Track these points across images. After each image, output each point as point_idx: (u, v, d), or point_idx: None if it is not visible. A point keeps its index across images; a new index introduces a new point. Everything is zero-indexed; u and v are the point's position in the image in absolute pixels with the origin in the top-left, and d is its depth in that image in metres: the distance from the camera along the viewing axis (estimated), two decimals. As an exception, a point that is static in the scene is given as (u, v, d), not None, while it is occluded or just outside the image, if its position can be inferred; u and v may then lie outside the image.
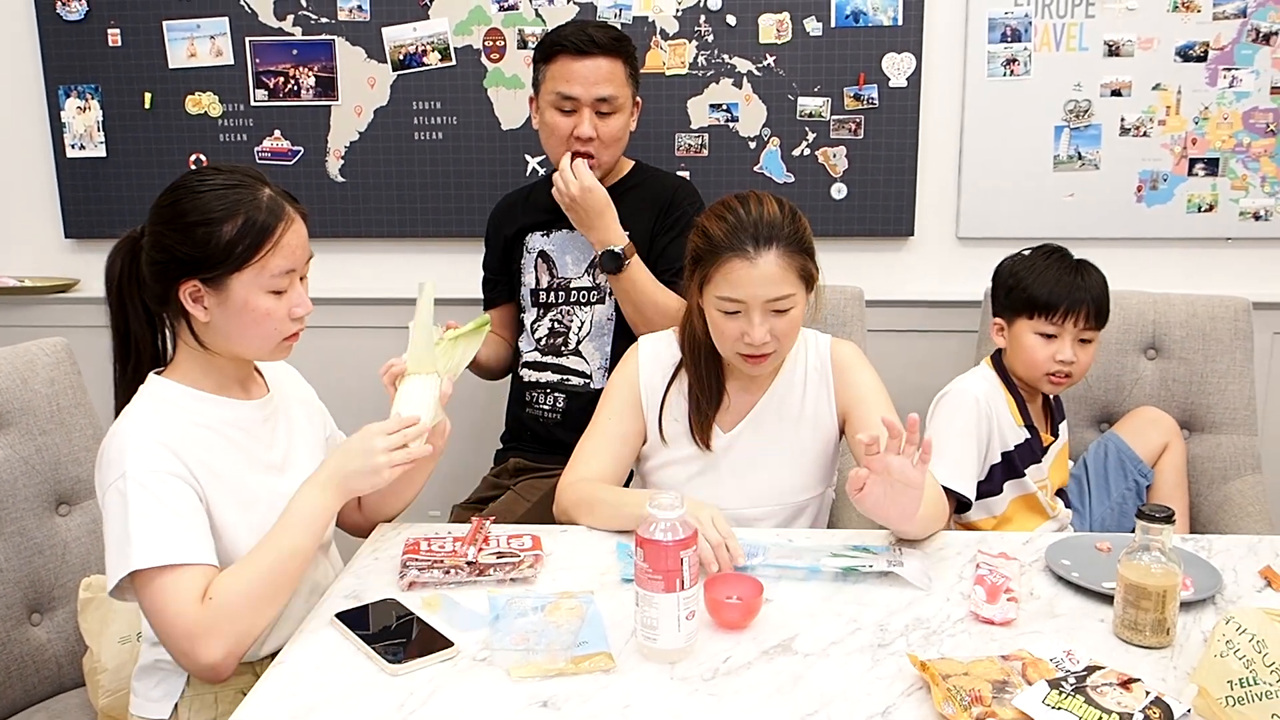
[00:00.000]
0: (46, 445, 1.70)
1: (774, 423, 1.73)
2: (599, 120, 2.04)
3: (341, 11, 2.48)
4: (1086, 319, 1.91)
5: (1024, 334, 1.95)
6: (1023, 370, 1.97)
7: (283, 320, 1.39)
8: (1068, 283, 1.92)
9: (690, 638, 1.25)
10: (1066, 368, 1.92)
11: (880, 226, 2.51)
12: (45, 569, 1.68)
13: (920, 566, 1.46)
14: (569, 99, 2.02)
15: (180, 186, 1.38)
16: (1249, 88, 2.40)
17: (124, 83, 2.54)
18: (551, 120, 2.06)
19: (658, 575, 1.21)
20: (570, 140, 2.04)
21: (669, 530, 1.22)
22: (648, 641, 1.24)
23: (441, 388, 1.50)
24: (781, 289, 1.58)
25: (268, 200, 1.37)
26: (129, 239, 1.42)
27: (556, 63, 2.04)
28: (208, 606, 1.26)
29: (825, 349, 1.75)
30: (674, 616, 1.22)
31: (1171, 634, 1.27)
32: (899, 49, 2.41)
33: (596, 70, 2.01)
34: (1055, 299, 1.91)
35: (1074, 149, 2.45)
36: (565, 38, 2.04)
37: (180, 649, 1.28)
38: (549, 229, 2.18)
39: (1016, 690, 1.12)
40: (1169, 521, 1.26)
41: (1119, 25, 2.38)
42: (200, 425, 1.39)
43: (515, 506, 2.04)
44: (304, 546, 1.35)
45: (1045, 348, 1.93)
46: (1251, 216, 2.46)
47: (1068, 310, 1.91)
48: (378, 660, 1.23)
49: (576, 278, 2.16)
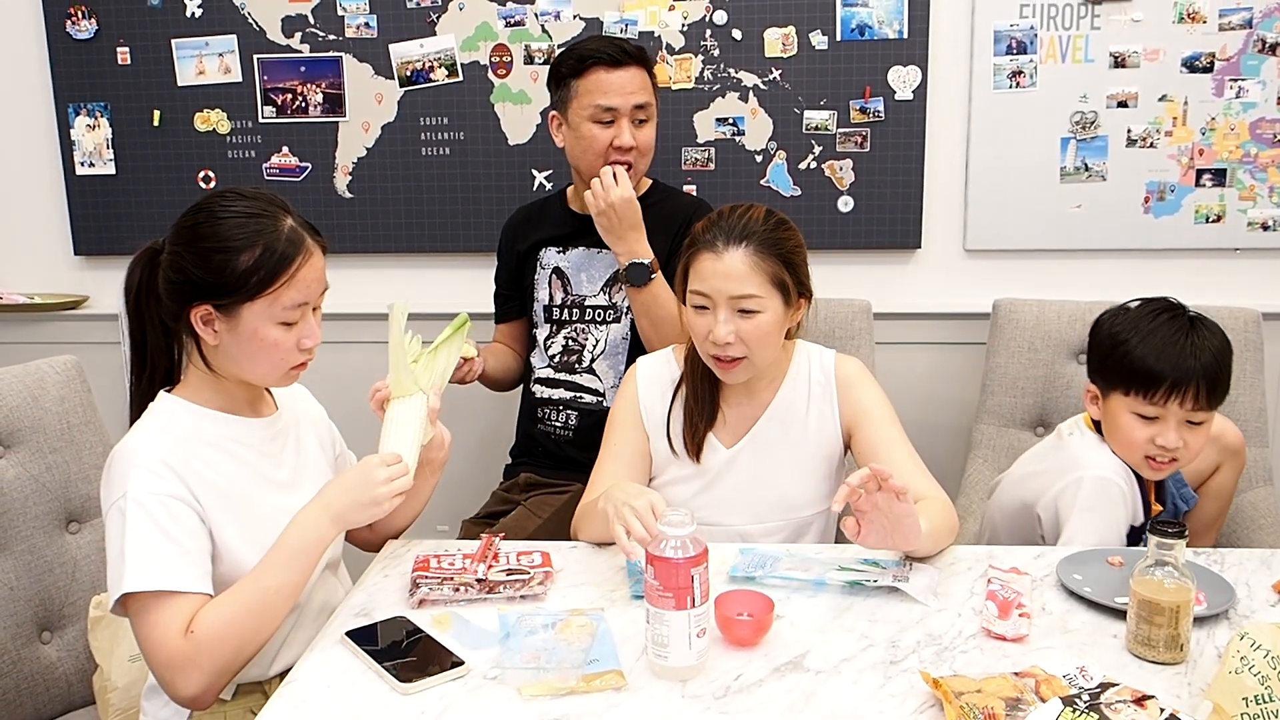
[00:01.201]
0: (57, 463, 1.71)
1: (777, 438, 1.72)
2: (635, 130, 2.06)
3: (349, 29, 2.49)
4: (1195, 399, 1.61)
5: (1120, 412, 1.68)
6: (1119, 449, 1.71)
7: (290, 351, 1.39)
8: (1174, 353, 1.63)
9: (701, 655, 1.24)
10: (1170, 453, 1.65)
11: (887, 239, 2.51)
12: (55, 587, 1.68)
13: (927, 582, 1.45)
14: (609, 109, 2.04)
15: (202, 209, 1.38)
16: (1256, 98, 2.39)
17: (133, 100, 2.56)
18: (590, 133, 2.06)
19: (668, 593, 1.21)
20: (609, 151, 2.05)
21: (680, 547, 1.22)
22: (659, 659, 1.24)
23: (430, 404, 1.50)
24: (745, 287, 1.59)
25: (288, 232, 1.37)
26: (149, 250, 1.42)
27: (590, 76, 2.04)
28: (188, 640, 1.26)
29: (829, 364, 1.75)
30: (685, 634, 1.22)
31: (1185, 650, 1.26)
32: (904, 62, 2.41)
33: (632, 80, 2.04)
34: (1158, 374, 1.62)
35: (1081, 160, 2.45)
36: (596, 51, 2.05)
37: (160, 677, 1.29)
38: (565, 245, 2.19)
39: (1030, 707, 1.11)
40: (1181, 536, 1.26)
41: (1124, 37, 2.39)
42: (208, 444, 1.39)
43: (526, 522, 2.04)
44: (292, 580, 1.34)
45: (1144, 429, 1.65)
46: (1260, 227, 2.46)
47: (1172, 388, 1.61)
48: (388, 679, 1.23)
49: (591, 295, 2.16)
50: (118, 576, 1.28)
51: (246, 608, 1.30)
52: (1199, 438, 1.67)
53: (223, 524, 1.36)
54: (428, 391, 1.51)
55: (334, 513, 1.38)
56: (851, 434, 1.73)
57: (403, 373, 1.49)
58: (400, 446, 1.45)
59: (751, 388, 1.72)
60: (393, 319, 1.48)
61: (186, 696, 1.27)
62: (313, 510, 1.39)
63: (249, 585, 1.32)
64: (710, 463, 1.73)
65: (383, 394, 1.50)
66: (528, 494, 2.16)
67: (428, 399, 1.50)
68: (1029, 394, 2.30)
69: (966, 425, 2.45)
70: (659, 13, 2.43)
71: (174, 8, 2.50)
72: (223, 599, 1.31)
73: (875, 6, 2.39)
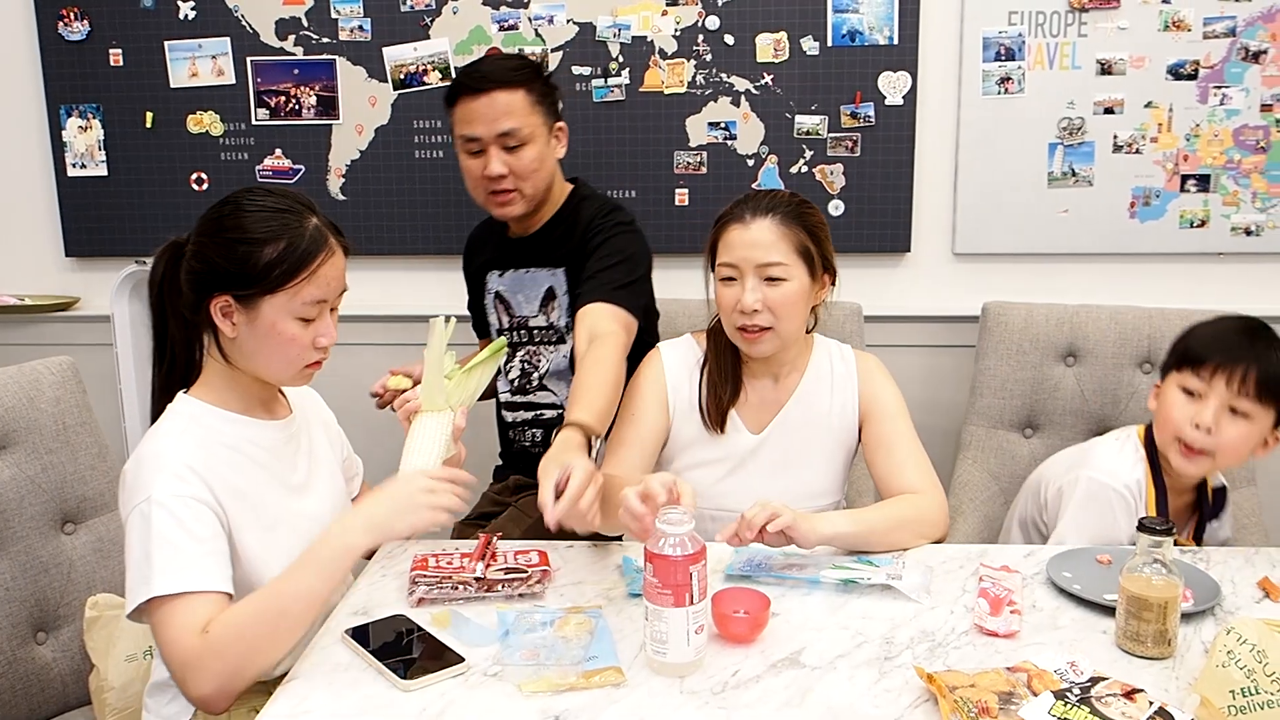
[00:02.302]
0: (52, 464, 1.71)
1: (801, 425, 1.76)
2: (509, 156, 1.95)
3: (343, 32, 2.50)
4: (1243, 384, 1.62)
5: (1169, 389, 1.71)
6: (1159, 431, 1.72)
7: (306, 348, 1.40)
8: (1231, 340, 1.67)
9: (699, 652, 1.26)
10: (1203, 440, 1.65)
11: (877, 243, 2.53)
12: (51, 588, 1.68)
13: (920, 580, 1.47)
14: (473, 139, 1.96)
15: (230, 201, 1.40)
16: (1239, 105, 2.43)
17: (125, 102, 2.56)
18: (465, 165, 2.00)
19: (667, 590, 1.23)
20: (484, 180, 1.98)
21: (678, 545, 1.23)
22: (657, 656, 1.25)
23: (455, 421, 1.52)
24: (772, 255, 1.64)
25: (312, 229, 1.38)
26: (173, 244, 1.43)
27: (458, 106, 1.97)
28: (203, 640, 1.26)
29: (850, 356, 1.81)
30: (683, 631, 1.23)
31: (1173, 645, 1.28)
32: (895, 68, 2.44)
33: (492, 106, 1.93)
34: (1209, 351, 1.66)
35: (1068, 166, 2.48)
36: (460, 79, 1.98)
37: (176, 676, 1.29)
38: (503, 268, 2.14)
39: (1022, 701, 1.13)
40: (1169, 534, 1.28)
41: (1111, 44, 2.42)
42: (226, 445, 1.40)
43: (517, 523, 2.05)
44: (316, 589, 1.31)
45: (1186, 406, 1.67)
46: (1243, 232, 2.49)
47: (1219, 365, 1.64)
48: (390, 676, 1.24)
49: (533, 316, 2.11)
50: (143, 579, 1.28)
51: (260, 611, 1.29)
52: (1238, 431, 1.65)
53: (242, 527, 1.37)
54: (455, 409, 1.53)
55: (371, 523, 1.35)
56: (863, 424, 1.77)
57: (436, 388, 1.51)
58: (424, 459, 1.47)
59: (776, 373, 1.76)
60: (433, 334, 1.50)
61: (198, 696, 1.27)
62: (348, 519, 1.37)
63: (268, 590, 1.32)
64: (735, 448, 1.75)
65: (413, 405, 1.52)
66: (518, 495, 2.17)
67: (454, 416, 1.52)
68: (1017, 396, 2.33)
69: (956, 427, 2.48)
70: (652, 18, 2.45)
71: (167, 10, 2.51)
72: (243, 603, 1.31)
73: (866, 13, 2.42)
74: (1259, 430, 1.66)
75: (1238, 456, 1.68)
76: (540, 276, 2.09)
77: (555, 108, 2.04)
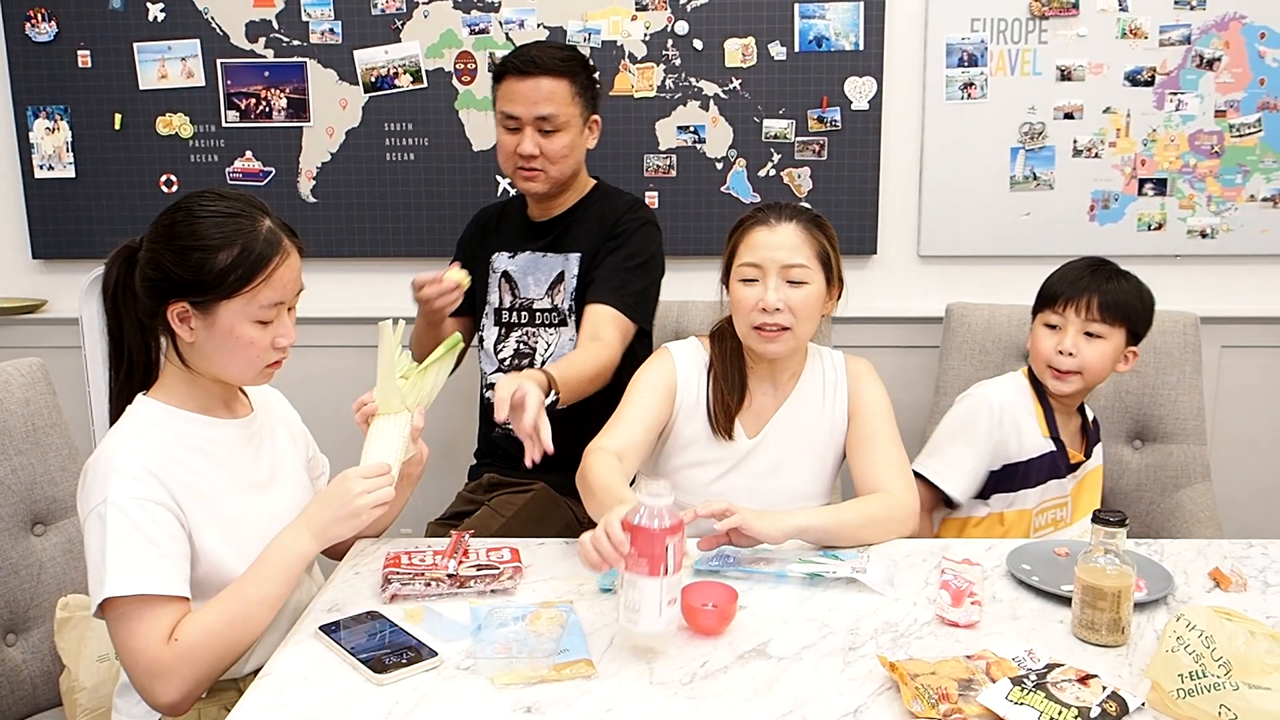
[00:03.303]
0: (22, 465, 1.70)
1: (793, 430, 1.79)
2: (542, 138, 2.07)
3: (314, 34, 2.51)
4: (1089, 310, 1.89)
5: (1035, 329, 1.97)
6: (1034, 363, 1.97)
7: (265, 349, 1.41)
8: (1081, 278, 1.92)
9: (670, 624, 1.28)
10: (1068, 361, 1.90)
11: (844, 245, 2.48)
12: (21, 589, 1.67)
13: (884, 573, 1.51)
14: (512, 118, 2.08)
15: (181, 208, 1.39)
16: (1194, 111, 2.50)
17: (94, 104, 2.55)
18: (501, 139, 2.13)
19: (643, 559, 1.25)
20: (515, 156, 2.10)
21: (656, 517, 1.26)
22: (629, 624, 1.28)
23: (413, 422, 1.54)
24: (796, 256, 1.69)
25: (266, 232, 1.38)
26: (126, 248, 1.43)
27: (504, 83, 2.10)
28: (172, 648, 1.28)
29: (840, 361, 1.85)
30: (656, 601, 1.26)
31: (1126, 633, 1.32)
32: (860, 73, 2.48)
33: (536, 90, 2.06)
34: (1060, 288, 1.92)
35: (1029, 169, 2.54)
36: (510, 59, 2.10)
37: (139, 683, 1.30)
38: (514, 249, 2.22)
39: (981, 688, 1.17)
40: (1122, 525, 1.32)
41: (1070, 51, 2.48)
42: (185, 446, 1.40)
43: (490, 522, 2.06)
44: (274, 593, 1.37)
45: (1049, 338, 1.92)
46: (1199, 234, 2.56)
47: (1069, 298, 1.90)
48: (363, 670, 1.25)
49: (538, 299, 2.19)
50: (99, 581, 1.29)
51: (229, 618, 1.33)
52: (1094, 350, 1.90)
53: (202, 527, 1.38)
54: (412, 410, 1.55)
55: (315, 528, 1.42)
56: (850, 422, 1.80)
57: (390, 391, 1.53)
58: (383, 455, 1.49)
59: (776, 378, 1.80)
60: (383, 337, 1.52)
61: (166, 703, 1.29)
62: (295, 526, 1.43)
63: (232, 596, 1.35)
64: (731, 451, 1.78)
65: (368, 409, 1.54)
66: (491, 494, 2.18)
67: (411, 417, 1.54)
68: (980, 395, 2.37)
69: (922, 426, 2.52)
70: (621, 22, 2.48)
71: (136, 11, 2.50)
72: (207, 609, 1.33)
73: (832, 19, 2.46)
74: (1113, 347, 1.92)
75: (1100, 370, 1.92)
76: (555, 261, 2.18)
77: (595, 101, 2.16)
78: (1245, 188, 2.53)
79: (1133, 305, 1.92)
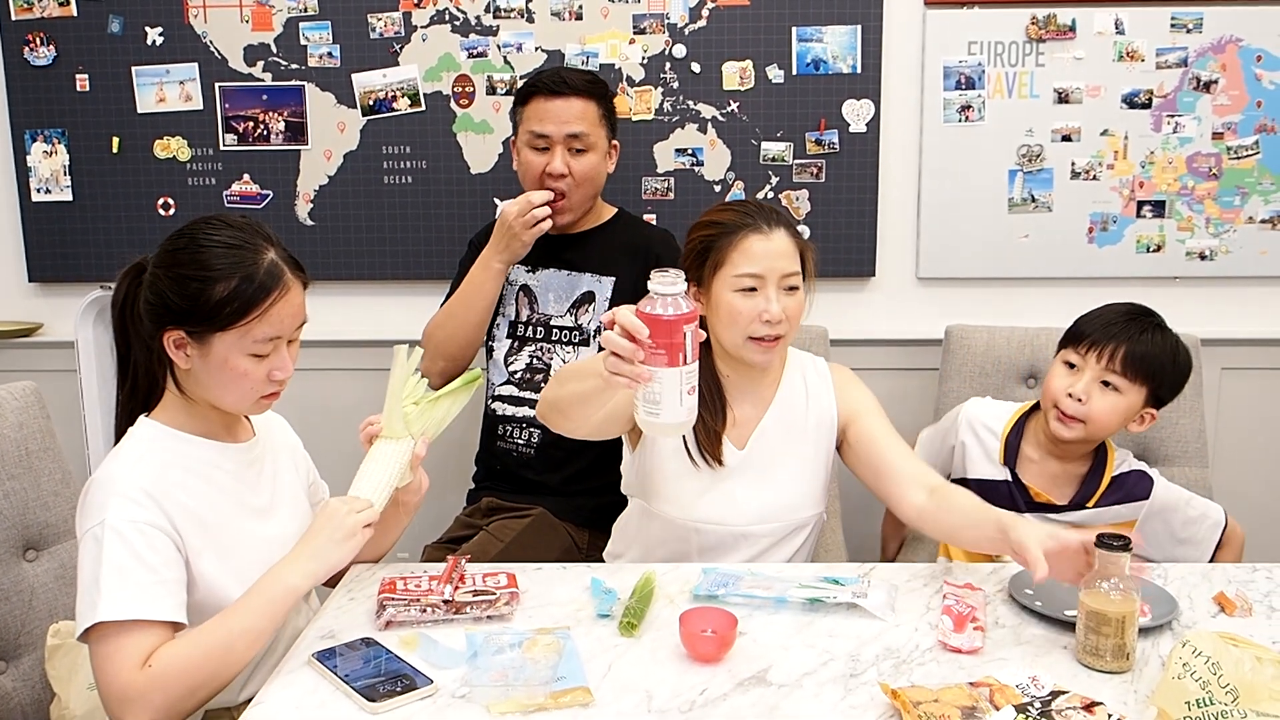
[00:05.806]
0: (14, 490, 1.68)
1: (780, 438, 1.77)
2: (571, 158, 2.12)
3: (311, 58, 2.51)
4: (1110, 359, 1.79)
5: (1056, 362, 1.89)
6: (1043, 398, 1.89)
7: (260, 381, 1.39)
8: (1113, 324, 1.82)
9: (691, 413, 1.27)
10: (1074, 407, 1.80)
11: (842, 267, 2.57)
12: (12, 616, 1.65)
13: (885, 598, 1.49)
14: (542, 137, 2.12)
15: (185, 234, 1.38)
16: (1191, 133, 2.50)
17: (92, 127, 2.55)
18: (527, 159, 2.15)
19: (660, 350, 1.22)
20: (543, 177, 2.12)
21: (670, 305, 1.23)
22: (650, 417, 1.26)
23: (415, 450, 1.53)
24: (792, 264, 1.69)
25: (268, 265, 1.37)
26: (137, 266, 1.42)
27: (532, 104, 2.13)
28: (144, 674, 1.25)
29: (823, 366, 1.84)
30: (676, 390, 1.24)
31: (1131, 659, 1.31)
32: (858, 95, 2.49)
33: (568, 109, 2.11)
34: (1089, 329, 1.84)
35: (1028, 192, 2.54)
36: (540, 80, 2.14)
37: (110, 709, 1.27)
38: (534, 265, 2.23)
39: (985, 715, 1.15)
40: (1126, 550, 1.31)
41: (1068, 74, 2.48)
42: (186, 469, 1.39)
43: (488, 547, 2.04)
44: (256, 626, 1.33)
45: (1065, 377, 1.84)
46: (1198, 256, 2.56)
47: (1095, 342, 1.81)
48: (357, 699, 1.23)
49: (558, 316, 2.20)
50: (90, 604, 1.27)
51: (207, 649, 1.29)
52: (1107, 402, 1.81)
53: (200, 552, 1.36)
54: (417, 438, 1.53)
55: (308, 555, 1.39)
56: (846, 429, 1.79)
57: (395, 416, 1.51)
58: (371, 485, 1.48)
59: (757, 385, 1.77)
60: (395, 362, 1.51)
61: None
62: (289, 559, 1.40)
63: (214, 626, 1.32)
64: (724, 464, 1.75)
65: (373, 429, 1.53)
66: (489, 519, 2.17)
67: (414, 445, 1.52)
68: (980, 417, 2.36)
69: (921, 449, 2.51)
70: (620, 45, 2.49)
71: (134, 35, 2.51)
72: (186, 637, 1.30)
73: (830, 42, 2.47)
74: (1127, 404, 1.82)
75: (1107, 426, 1.83)
76: (582, 280, 2.21)
77: (615, 127, 2.23)
78: (1244, 209, 2.53)
79: (1161, 364, 1.81)
